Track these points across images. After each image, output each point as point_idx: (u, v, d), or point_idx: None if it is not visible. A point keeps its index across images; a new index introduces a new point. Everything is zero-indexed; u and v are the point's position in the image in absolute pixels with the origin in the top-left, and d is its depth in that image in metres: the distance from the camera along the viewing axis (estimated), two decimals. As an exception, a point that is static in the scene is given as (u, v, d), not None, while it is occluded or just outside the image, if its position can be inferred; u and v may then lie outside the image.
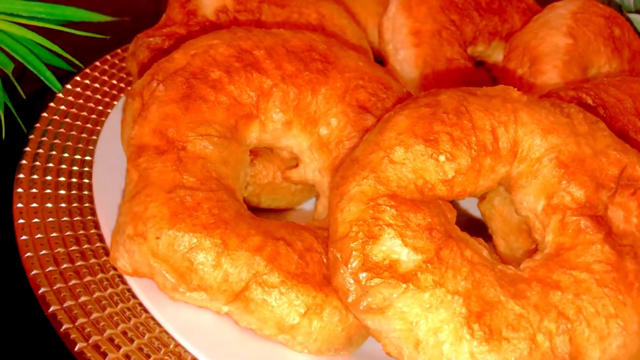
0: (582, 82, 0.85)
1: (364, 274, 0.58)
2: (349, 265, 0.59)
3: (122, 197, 0.68)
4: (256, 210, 0.81)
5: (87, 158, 0.88)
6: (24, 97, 1.00)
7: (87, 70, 1.03)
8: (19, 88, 0.99)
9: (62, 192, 0.82)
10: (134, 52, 0.87)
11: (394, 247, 0.58)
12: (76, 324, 0.65)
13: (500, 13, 1.05)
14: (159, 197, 0.63)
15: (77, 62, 1.03)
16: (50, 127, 0.90)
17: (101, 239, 0.76)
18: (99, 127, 0.93)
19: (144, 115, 0.68)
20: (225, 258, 0.62)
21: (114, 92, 1.01)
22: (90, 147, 0.90)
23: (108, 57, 1.08)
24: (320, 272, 0.65)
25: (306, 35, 0.78)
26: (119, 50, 1.10)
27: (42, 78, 0.99)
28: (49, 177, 0.83)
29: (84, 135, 0.92)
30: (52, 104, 0.95)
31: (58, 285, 0.69)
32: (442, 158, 0.63)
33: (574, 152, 0.65)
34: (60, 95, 0.97)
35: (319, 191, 0.77)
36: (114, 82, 1.03)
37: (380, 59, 0.97)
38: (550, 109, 0.68)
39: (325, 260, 0.65)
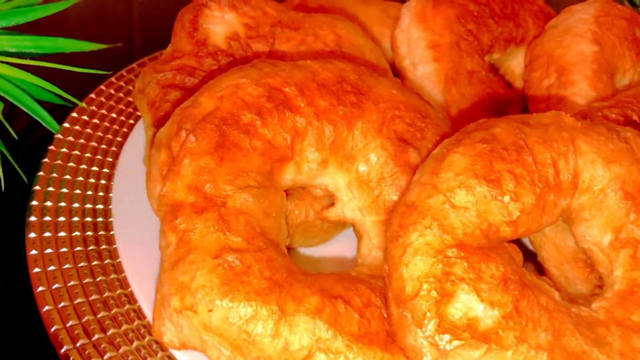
0: (621, 95, 0.81)
1: (442, 337, 0.54)
2: (424, 328, 0.54)
3: (159, 263, 0.63)
4: (289, 250, 0.76)
5: (99, 206, 0.82)
6: (16, 137, 0.93)
7: (84, 104, 0.95)
8: (10, 129, 0.91)
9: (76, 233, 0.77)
10: (142, 90, 0.81)
11: (469, 304, 0.54)
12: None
13: (514, 18, 1.01)
14: (205, 264, 0.58)
15: (70, 97, 0.95)
16: (54, 175, 0.84)
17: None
18: (106, 170, 0.87)
19: (176, 170, 0.63)
20: (284, 325, 0.57)
21: (115, 126, 0.94)
22: (101, 194, 0.84)
23: (103, 87, 1.00)
24: (382, 329, 0.60)
25: (335, 66, 0.72)
26: (113, 79, 1.02)
27: (36, 118, 0.91)
28: (61, 218, 0.78)
29: (91, 179, 0.85)
30: (52, 147, 0.88)
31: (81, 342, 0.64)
32: (506, 199, 0.59)
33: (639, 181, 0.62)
34: (59, 136, 0.90)
35: (360, 231, 0.72)
36: (114, 115, 0.96)
37: (393, 70, 0.93)
38: (607, 134, 0.64)
39: (384, 314, 0.61)
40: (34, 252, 0.73)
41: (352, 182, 0.71)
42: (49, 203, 0.80)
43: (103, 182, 0.85)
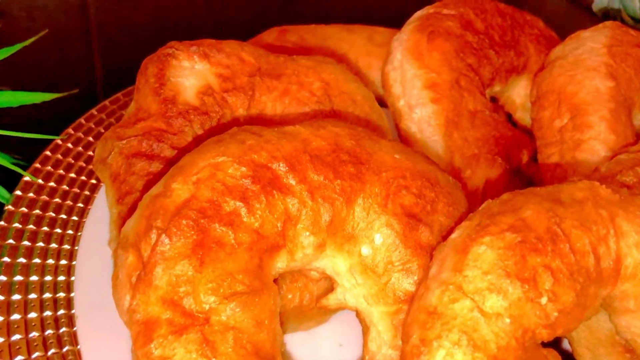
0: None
1: None
2: None
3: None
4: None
5: (60, 294, 0.71)
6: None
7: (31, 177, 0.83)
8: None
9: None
10: (103, 159, 0.69)
11: None
12: None
13: (514, 46, 0.92)
14: (189, 404, 0.48)
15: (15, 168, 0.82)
16: (4, 260, 0.72)
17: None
18: (67, 246, 0.76)
19: (148, 279, 0.52)
20: None
21: (76, 189, 0.83)
22: (62, 277, 0.72)
23: (48, 153, 0.86)
24: None
25: (328, 131, 0.62)
26: (58, 141, 0.89)
27: (-17, 188, 0.80)
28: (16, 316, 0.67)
29: (49, 260, 0.74)
30: (1, 222, 0.76)
31: None
32: (544, 300, 0.50)
33: (692, 266, 0.53)
34: (10, 207, 0.78)
35: (366, 322, 0.62)
36: (65, 187, 0.83)
37: (380, 102, 0.83)
38: (650, 208, 0.56)
39: None
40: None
41: (354, 267, 0.61)
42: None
43: (64, 262, 0.74)
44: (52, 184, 0.83)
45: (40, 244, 0.75)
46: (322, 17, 1.05)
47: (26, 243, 0.75)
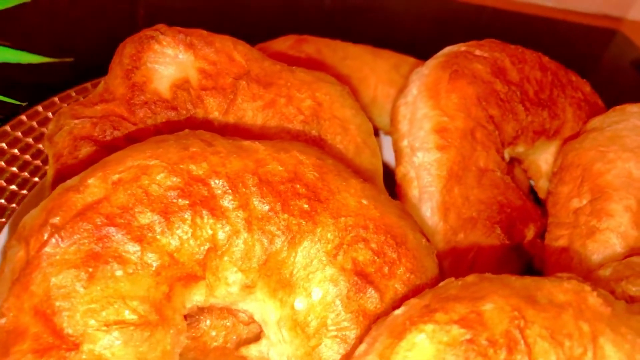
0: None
1: None
2: None
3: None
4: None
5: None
6: None
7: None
8: None
9: None
10: (51, 137, 0.63)
11: None
12: None
13: (550, 106, 0.81)
14: None
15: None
16: None
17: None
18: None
19: (25, 282, 0.44)
20: None
21: (26, 174, 0.76)
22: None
23: (24, 117, 0.80)
24: None
25: (291, 156, 0.53)
26: (39, 108, 0.82)
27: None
28: None
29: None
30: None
31: None
32: None
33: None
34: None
35: (287, 385, 0.53)
36: (28, 157, 0.77)
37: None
38: (647, 334, 0.44)
39: None
40: None
41: (284, 320, 0.52)
42: None
43: (-5, 237, 0.68)
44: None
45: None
46: (355, 37, 0.97)
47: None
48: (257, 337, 0.58)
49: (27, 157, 0.77)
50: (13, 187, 0.73)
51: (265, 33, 0.93)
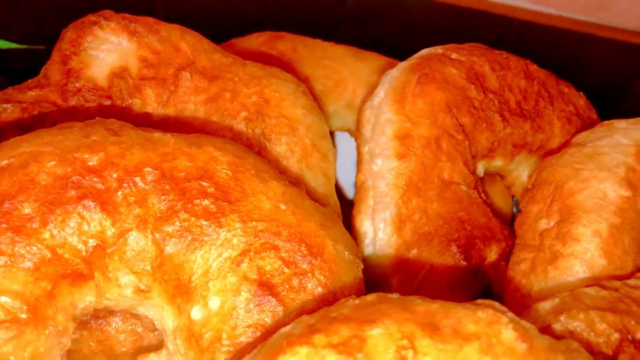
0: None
1: None
2: None
3: None
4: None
5: None
6: None
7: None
8: None
9: None
10: (-22, 120, 0.60)
11: None
12: None
13: (534, 118, 0.74)
14: None
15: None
16: None
17: None
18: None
19: None
20: None
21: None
22: None
23: None
24: None
25: (204, 151, 0.49)
26: None
27: None
28: None
29: None
30: None
31: None
32: None
33: None
34: None
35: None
36: None
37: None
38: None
39: None
40: None
41: (180, 329, 0.48)
42: None
43: None
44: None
45: None
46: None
47: None
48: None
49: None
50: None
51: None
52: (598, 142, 0.66)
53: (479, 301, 0.43)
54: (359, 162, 0.70)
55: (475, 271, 0.64)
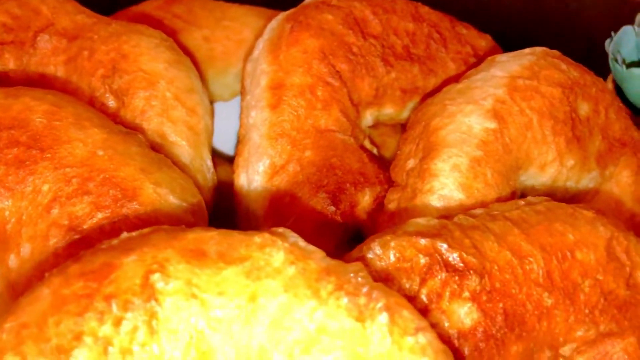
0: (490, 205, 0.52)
1: None
2: None
3: None
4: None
5: None
6: None
7: None
8: None
9: None
10: None
11: None
12: None
13: (424, 61, 0.71)
14: None
15: None
16: None
17: None
18: None
19: None
20: None
21: None
22: None
23: None
24: None
25: (20, 102, 0.49)
26: None
27: None
28: None
29: None
30: None
31: None
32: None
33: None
34: None
35: None
36: None
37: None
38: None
39: None
40: None
41: (2, 277, 0.48)
42: None
43: None
44: None
45: None
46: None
47: None
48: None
49: None
50: None
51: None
52: (474, 77, 0.63)
53: (273, 229, 0.42)
54: (240, 116, 0.69)
55: (346, 216, 0.63)
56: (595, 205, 0.61)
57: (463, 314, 0.42)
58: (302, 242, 0.40)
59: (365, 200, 0.63)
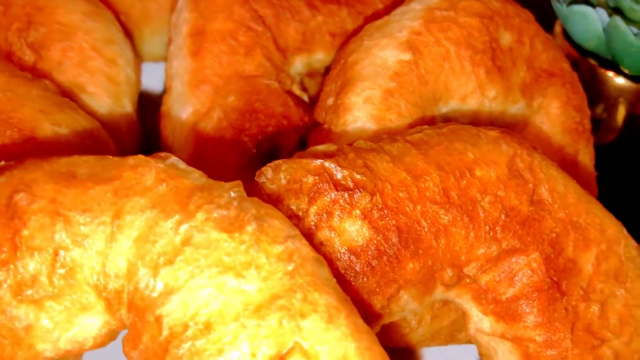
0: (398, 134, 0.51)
1: None
2: None
3: None
4: None
5: None
6: None
7: None
8: None
9: None
10: None
11: None
12: None
13: (353, 4, 0.71)
14: None
15: None
16: None
17: None
18: None
19: None
20: None
21: None
22: None
23: None
24: None
25: None
26: None
27: None
28: None
29: None
30: None
31: None
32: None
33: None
34: None
35: None
36: None
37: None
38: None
39: None
40: None
41: None
42: None
43: None
44: None
45: None
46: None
47: None
48: None
49: None
50: None
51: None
52: (394, 12, 0.63)
53: (156, 153, 0.42)
54: (165, 67, 0.69)
55: (270, 158, 0.62)
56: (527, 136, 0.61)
57: (354, 232, 0.42)
58: (182, 165, 0.40)
59: (288, 142, 0.63)
